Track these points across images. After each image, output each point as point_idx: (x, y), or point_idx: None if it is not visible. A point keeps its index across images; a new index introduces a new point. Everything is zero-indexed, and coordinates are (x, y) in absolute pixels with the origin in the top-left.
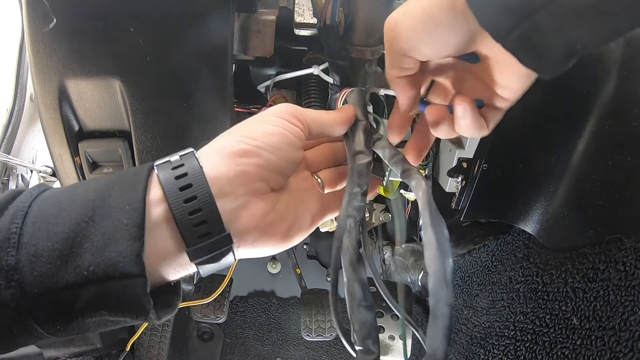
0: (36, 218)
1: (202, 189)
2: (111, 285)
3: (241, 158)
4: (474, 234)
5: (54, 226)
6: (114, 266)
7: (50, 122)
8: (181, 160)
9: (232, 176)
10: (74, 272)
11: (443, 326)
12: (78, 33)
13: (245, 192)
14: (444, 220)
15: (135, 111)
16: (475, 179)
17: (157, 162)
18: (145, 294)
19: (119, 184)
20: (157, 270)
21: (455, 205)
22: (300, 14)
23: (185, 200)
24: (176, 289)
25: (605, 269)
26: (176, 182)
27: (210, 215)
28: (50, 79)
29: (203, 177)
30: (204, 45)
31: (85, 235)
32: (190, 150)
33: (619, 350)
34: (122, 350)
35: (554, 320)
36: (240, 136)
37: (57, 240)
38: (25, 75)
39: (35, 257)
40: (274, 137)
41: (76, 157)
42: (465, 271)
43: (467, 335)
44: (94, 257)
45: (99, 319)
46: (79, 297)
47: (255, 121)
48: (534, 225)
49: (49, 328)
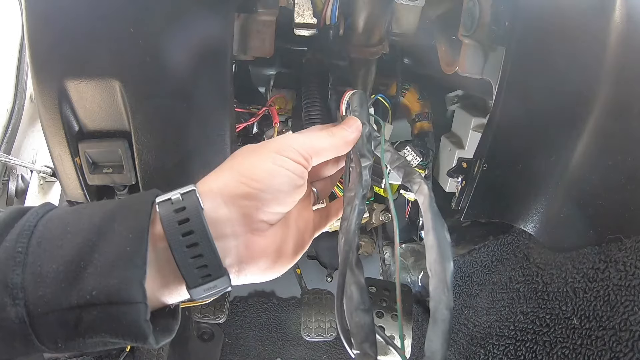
0: (41, 239)
1: (203, 235)
2: (113, 310)
3: (243, 201)
4: (474, 234)
5: (59, 249)
6: (117, 292)
7: (50, 123)
8: (183, 200)
9: (234, 218)
10: (78, 295)
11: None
12: (78, 33)
13: (246, 231)
14: (445, 224)
15: (135, 111)
16: (475, 179)
17: (158, 199)
18: (145, 320)
19: (123, 211)
20: (157, 296)
21: (455, 205)
22: (300, 14)
23: (188, 245)
24: (174, 313)
25: (605, 269)
26: (179, 228)
27: (210, 261)
28: (50, 79)
29: (204, 222)
30: (204, 45)
31: (89, 260)
32: (191, 188)
33: (619, 350)
34: (122, 350)
35: (554, 320)
36: (242, 176)
37: (61, 263)
38: (25, 75)
39: (41, 277)
40: (276, 179)
41: (76, 157)
42: (465, 271)
43: (467, 335)
44: (97, 282)
45: (99, 340)
46: (82, 318)
47: (257, 158)
48: (534, 225)
49: (50, 345)
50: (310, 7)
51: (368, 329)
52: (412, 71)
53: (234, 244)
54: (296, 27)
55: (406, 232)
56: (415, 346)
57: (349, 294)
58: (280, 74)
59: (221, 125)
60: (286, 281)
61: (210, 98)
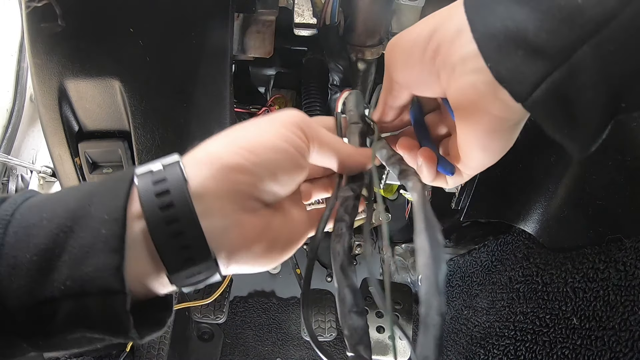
0: (18, 228)
1: (186, 210)
2: (89, 302)
3: (236, 174)
4: (474, 234)
5: (34, 237)
6: (91, 281)
7: (50, 123)
8: (165, 172)
9: (223, 194)
10: (52, 287)
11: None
12: (78, 33)
13: (236, 209)
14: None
15: (135, 111)
16: (475, 179)
17: (138, 171)
18: (125, 311)
19: (100, 192)
20: (143, 284)
21: (455, 205)
22: (300, 14)
23: (167, 222)
24: (167, 304)
25: (605, 269)
26: (157, 201)
27: (194, 241)
28: (50, 79)
29: (187, 195)
30: (203, 45)
31: (63, 247)
32: (175, 160)
33: (619, 350)
34: (122, 351)
35: (554, 320)
36: (238, 147)
37: (36, 252)
38: (25, 75)
39: (15, 269)
40: (276, 155)
41: (76, 157)
42: (465, 271)
43: (467, 335)
44: (71, 271)
45: (80, 336)
46: (57, 312)
47: (257, 129)
48: (534, 225)
49: (31, 342)
50: (310, 7)
51: (362, 332)
52: None
53: (222, 223)
54: (296, 27)
55: (406, 232)
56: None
57: (341, 296)
58: (280, 74)
59: (221, 126)
60: (286, 281)
61: (210, 98)
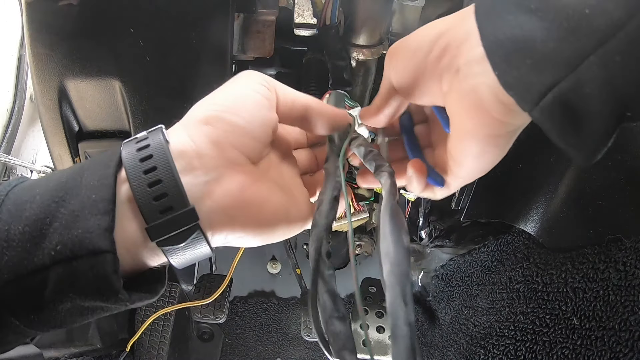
0: (11, 205)
1: (163, 161)
2: (78, 265)
3: (206, 126)
4: (474, 234)
5: (27, 211)
6: (81, 243)
7: (50, 123)
8: (147, 136)
9: (201, 147)
10: (42, 254)
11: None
12: (78, 33)
13: (218, 164)
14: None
15: (135, 111)
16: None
17: (125, 141)
18: (114, 271)
19: (92, 165)
20: (131, 253)
21: (455, 205)
22: (300, 14)
23: (145, 171)
24: (160, 277)
25: (605, 269)
26: (137, 154)
27: (171, 189)
28: (50, 79)
29: (166, 150)
30: (203, 45)
31: (55, 215)
32: (159, 126)
33: (619, 350)
34: (122, 351)
35: (554, 320)
36: (204, 103)
37: (27, 223)
38: (25, 75)
39: (7, 241)
40: (238, 99)
41: (76, 157)
42: (465, 271)
43: (467, 335)
44: (61, 236)
45: (72, 306)
46: (47, 280)
47: (221, 87)
48: (534, 225)
49: (24, 319)
50: (310, 7)
51: (345, 337)
52: None
53: (204, 179)
54: (296, 27)
55: None
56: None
57: (321, 302)
58: (280, 74)
59: None
60: (286, 281)
61: None
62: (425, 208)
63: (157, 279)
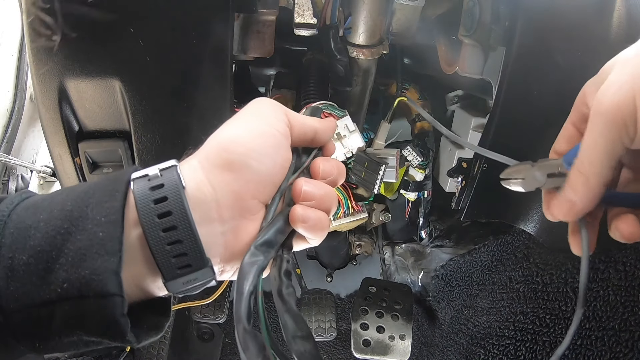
0: (14, 229)
1: (183, 217)
2: (86, 305)
3: (227, 174)
4: (474, 234)
5: (31, 239)
6: (88, 284)
7: (50, 123)
8: (161, 177)
9: (221, 197)
10: (49, 289)
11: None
12: (78, 33)
13: (235, 214)
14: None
15: (135, 111)
16: (475, 179)
17: (134, 175)
18: (122, 314)
19: (97, 194)
20: (141, 287)
21: (455, 205)
22: (300, 14)
23: (164, 229)
24: (165, 307)
25: (605, 269)
26: (154, 208)
27: (191, 249)
28: (50, 79)
29: (184, 202)
30: (204, 45)
31: (61, 249)
32: (172, 164)
33: (619, 350)
34: (122, 351)
35: (554, 320)
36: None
37: (32, 254)
38: (25, 75)
39: (12, 271)
40: (261, 140)
41: (76, 157)
42: (465, 271)
43: (467, 335)
44: (68, 274)
45: (77, 339)
46: (55, 315)
47: (240, 119)
48: (534, 225)
49: (28, 345)
50: (310, 7)
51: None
52: (412, 71)
53: (220, 230)
54: (296, 27)
55: (406, 232)
56: (415, 346)
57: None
58: (280, 74)
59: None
60: None
61: (210, 98)
62: (425, 208)
63: (163, 311)
